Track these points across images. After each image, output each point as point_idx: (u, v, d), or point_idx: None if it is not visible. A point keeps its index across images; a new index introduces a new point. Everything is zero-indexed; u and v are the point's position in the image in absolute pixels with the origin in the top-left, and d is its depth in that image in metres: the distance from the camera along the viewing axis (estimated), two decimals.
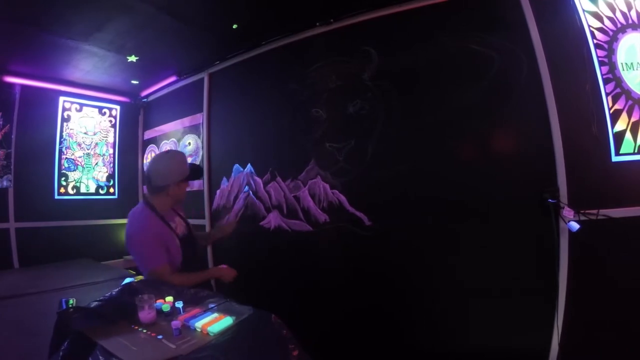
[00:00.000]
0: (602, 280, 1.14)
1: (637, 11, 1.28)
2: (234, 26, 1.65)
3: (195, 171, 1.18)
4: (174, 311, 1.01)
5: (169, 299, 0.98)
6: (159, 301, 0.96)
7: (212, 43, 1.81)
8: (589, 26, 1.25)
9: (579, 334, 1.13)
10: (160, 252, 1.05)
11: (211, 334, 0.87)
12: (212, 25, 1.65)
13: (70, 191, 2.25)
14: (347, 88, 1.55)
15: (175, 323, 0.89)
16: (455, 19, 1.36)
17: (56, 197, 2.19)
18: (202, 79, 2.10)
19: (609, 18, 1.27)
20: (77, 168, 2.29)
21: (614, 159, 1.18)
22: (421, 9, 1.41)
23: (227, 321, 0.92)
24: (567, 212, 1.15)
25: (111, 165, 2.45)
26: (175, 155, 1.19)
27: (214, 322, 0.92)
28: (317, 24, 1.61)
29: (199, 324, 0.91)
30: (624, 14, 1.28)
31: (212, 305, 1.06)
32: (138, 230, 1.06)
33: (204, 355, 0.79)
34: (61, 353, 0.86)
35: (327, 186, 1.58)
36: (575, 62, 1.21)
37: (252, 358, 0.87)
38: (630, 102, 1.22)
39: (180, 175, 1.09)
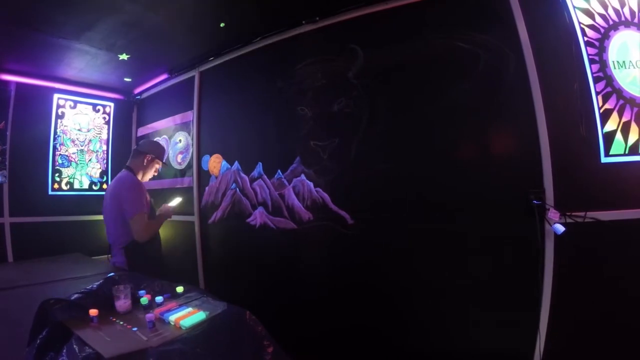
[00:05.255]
0: (589, 285, 1.10)
1: (630, 8, 1.24)
2: (221, 25, 1.65)
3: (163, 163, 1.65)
4: (152, 304, 1.02)
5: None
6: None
7: (201, 41, 1.82)
8: (580, 23, 1.21)
9: (563, 342, 1.10)
10: (145, 202, 1.42)
11: (183, 328, 0.88)
12: (199, 24, 1.66)
13: (64, 187, 2.29)
14: (332, 86, 1.54)
15: (149, 316, 0.91)
16: (441, 16, 1.33)
17: (50, 192, 2.22)
18: (192, 77, 2.11)
19: (601, 15, 1.23)
20: (70, 164, 2.32)
21: (604, 160, 1.14)
22: (407, 6, 1.39)
23: (199, 316, 0.93)
24: (553, 214, 1.12)
25: (104, 161, 2.48)
26: (161, 144, 1.76)
27: (186, 317, 0.93)
28: (303, 22, 1.60)
29: (172, 317, 0.93)
30: (616, 11, 1.24)
31: (188, 300, 1.07)
32: (132, 180, 1.45)
33: (173, 348, 0.80)
34: (38, 341, 0.87)
35: (311, 184, 1.57)
36: (565, 60, 1.18)
37: (223, 352, 0.87)
38: (621, 102, 1.18)
39: (156, 154, 1.57)
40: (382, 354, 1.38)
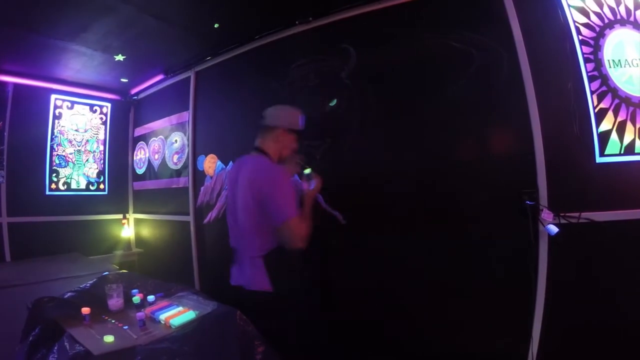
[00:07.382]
0: (584, 286, 1.09)
1: (626, 6, 1.23)
2: (216, 25, 1.65)
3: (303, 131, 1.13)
4: (144, 303, 1.03)
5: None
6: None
7: (195, 42, 1.83)
8: (574, 22, 1.20)
9: (556, 343, 1.09)
10: (297, 203, 1.03)
11: (173, 327, 0.89)
12: (193, 24, 1.66)
13: (61, 187, 2.30)
14: (325, 86, 1.53)
15: (140, 314, 0.91)
16: (434, 16, 1.33)
17: (47, 192, 2.23)
18: (188, 77, 2.11)
19: (596, 13, 1.22)
20: (68, 164, 2.33)
21: (598, 160, 1.13)
22: (400, 6, 1.38)
23: (189, 315, 0.94)
24: (546, 215, 1.11)
25: (101, 161, 2.49)
26: (291, 108, 1.14)
27: (176, 315, 0.93)
28: (297, 22, 1.60)
29: (163, 316, 0.94)
30: (612, 9, 1.23)
31: (179, 299, 1.07)
32: (282, 175, 1.02)
33: (161, 347, 0.80)
34: (31, 338, 0.88)
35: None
36: (559, 60, 1.17)
37: (212, 351, 0.87)
38: (616, 101, 1.17)
39: (288, 124, 1.10)
40: (380, 354, 1.37)
